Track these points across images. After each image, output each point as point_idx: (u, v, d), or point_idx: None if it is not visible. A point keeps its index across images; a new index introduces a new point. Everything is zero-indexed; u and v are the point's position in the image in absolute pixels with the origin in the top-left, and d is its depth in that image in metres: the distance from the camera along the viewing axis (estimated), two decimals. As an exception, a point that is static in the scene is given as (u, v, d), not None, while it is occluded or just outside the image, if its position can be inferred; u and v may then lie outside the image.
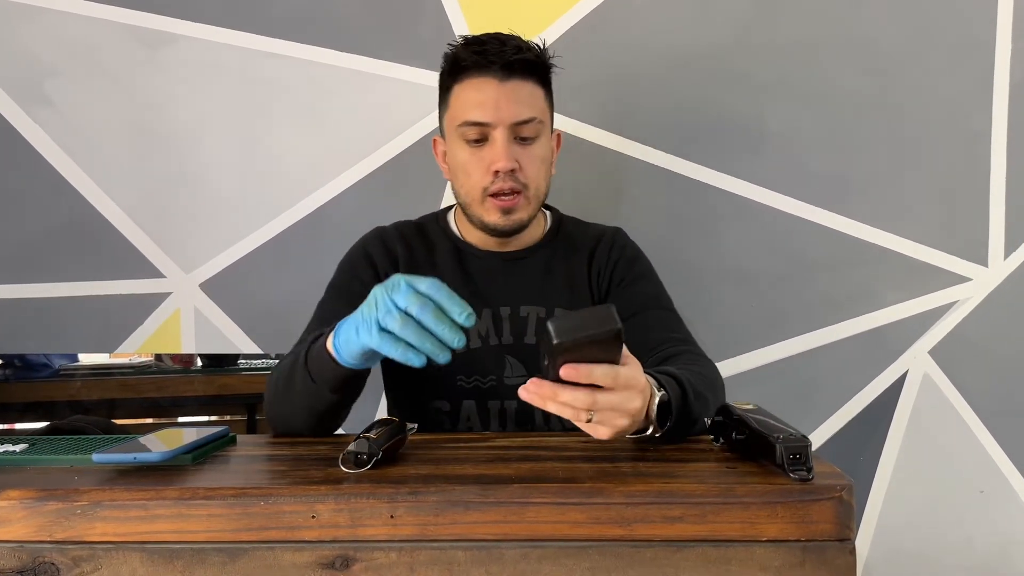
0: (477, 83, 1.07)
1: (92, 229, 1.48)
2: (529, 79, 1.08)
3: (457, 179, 1.12)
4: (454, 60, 1.09)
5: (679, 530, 0.65)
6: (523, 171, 1.08)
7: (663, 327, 1.09)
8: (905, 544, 1.51)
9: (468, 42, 1.09)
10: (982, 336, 1.50)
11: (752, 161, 1.49)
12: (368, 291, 1.12)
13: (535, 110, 1.08)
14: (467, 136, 1.08)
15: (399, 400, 1.20)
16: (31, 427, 1.48)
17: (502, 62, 1.05)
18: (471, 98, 1.07)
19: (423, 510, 0.66)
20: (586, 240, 1.19)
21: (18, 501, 0.67)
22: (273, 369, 0.99)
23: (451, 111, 1.10)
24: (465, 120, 1.07)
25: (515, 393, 0.76)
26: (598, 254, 1.18)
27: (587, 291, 1.16)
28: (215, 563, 0.66)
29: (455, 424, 1.13)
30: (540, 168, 1.10)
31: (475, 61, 1.07)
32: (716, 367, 1.03)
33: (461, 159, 1.10)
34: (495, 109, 1.06)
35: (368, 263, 1.16)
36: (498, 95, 1.06)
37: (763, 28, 1.48)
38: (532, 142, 1.09)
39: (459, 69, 1.09)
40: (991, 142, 1.48)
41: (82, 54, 1.47)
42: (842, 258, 1.49)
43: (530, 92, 1.08)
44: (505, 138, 1.06)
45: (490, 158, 1.07)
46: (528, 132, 1.08)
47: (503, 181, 1.07)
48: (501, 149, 1.06)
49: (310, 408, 0.90)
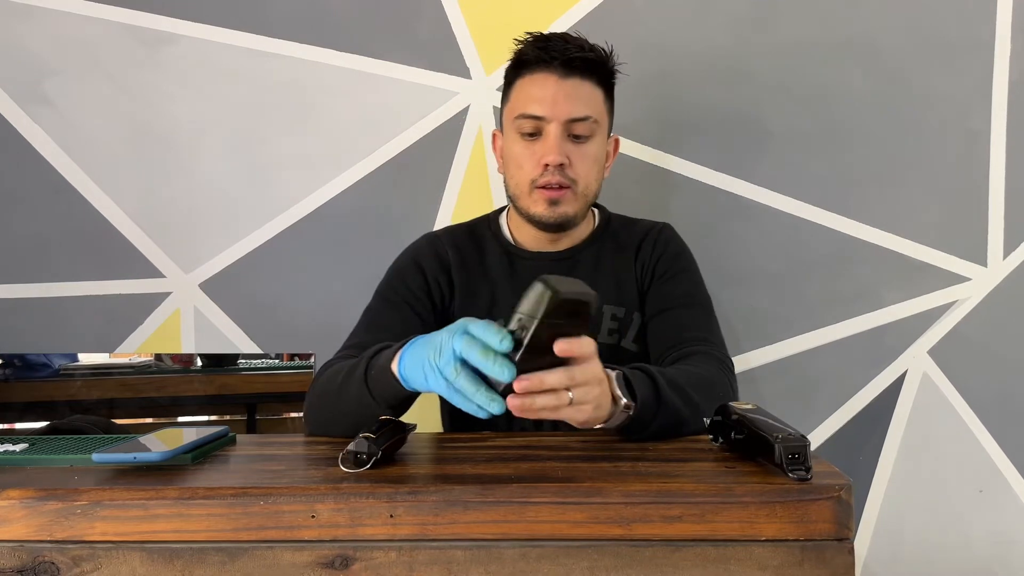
0: (537, 78, 1.09)
1: (92, 229, 1.49)
2: (589, 79, 1.10)
3: (509, 171, 1.14)
4: (518, 55, 1.12)
5: (678, 530, 0.65)
6: (573, 167, 1.09)
7: (688, 325, 1.10)
8: (904, 544, 1.51)
9: (534, 38, 1.12)
10: (981, 336, 1.50)
11: (752, 161, 1.49)
12: (416, 300, 1.14)
13: (591, 109, 1.10)
14: (522, 129, 1.10)
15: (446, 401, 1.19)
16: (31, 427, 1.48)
17: (563, 59, 1.08)
18: (530, 92, 1.10)
19: (422, 510, 0.66)
20: (633, 237, 1.20)
21: (18, 501, 0.67)
22: (320, 375, 0.99)
23: (511, 104, 1.13)
24: (522, 113, 1.09)
25: None
26: (643, 250, 1.19)
27: (634, 287, 1.17)
28: (215, 563, 0.66)
29: (510, 424, 1.11)
30: (591, 167, 1.12)
31: (537, 56, 1.09)
32: (728, 370, 1.03)
33: (515, 151, 1.12)
34: (551, 104, 1.08)
35: (417, 270, 1.17)
36: (556, 91, 1.08)
37: (763, 28, 1.48)
38: (585, 140, 1.10)
39: (522, 64, 1.11)
40: (991, 142, 1.48)
41: (82, 54, 1.47)
42: (842, 258, 1.49)
43: (588, 92, 1.10)
44: (558, 133, 1.08)
45: (541, 152, 1.09)
46: (582, 130, 1.09)
47: (552, 175, 1.09)
48: (553, 143, 1.08)
49: (361, 417, 0.88)
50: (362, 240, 1.49)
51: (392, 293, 1.15)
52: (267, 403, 1.51)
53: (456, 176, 1.50)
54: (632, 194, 1.49)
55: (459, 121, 1.49)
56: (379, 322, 1.11)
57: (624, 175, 1.49)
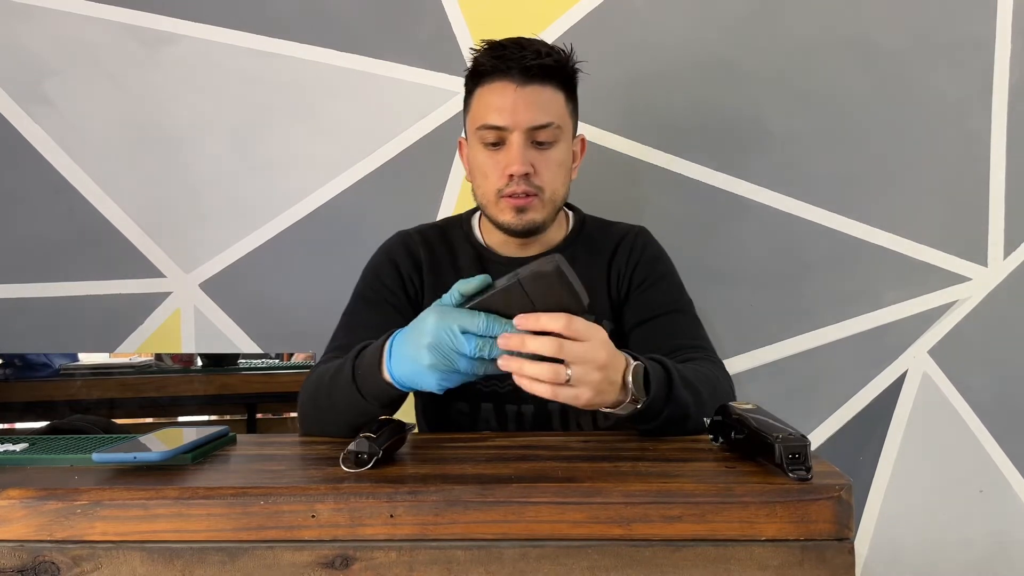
0: (496, 87, 1.08)
1: (92, 229, 1.49)
2: (548, 84, 1.09)
3: (475, 180, 1.13)
4: (475, 64, 1.11)
5: (678, 529, 0.65)
6: (538, 175, 1.08)
7: (679, 332, 1.10)
8: (904, 543, 1.51)
9: (490, 46, 1.10)
10: (981, 336, 1.50)
11: (752, 161, 1.49)
12: (395, 296, 1.13)
13: (552, 115, 1.08)
14: (485, 139, 1.09)
15: (426, 403, 1.21)
16: (31, 427, 1.48)
17: (520, 67, 1.06)
18: (490, 102, 1.08)
19: (422, 510, 0.66)
20: (607, 242, 1.19)
21: (18, 501, 0.67)
22: (307, 380, 0.99)
23: (472, 114, 1.12)
24: (483, 123, 1.08)
25: (531, 398, 0.76)
26: (618, 256, 1.17)
27: (606, 294, 1.16)
28: (215, 562, 0.66)
29: (474, 425, 1.13)
30: (556, 173, 1.10)
31: (494, 65, 1.08)
32: (726, 372, 1.03)
33: (479, 161, 1.11)
34: (512, 113, 1.06)
35: (392, 267, 1.17)
36: (515, 100, 1.07)
37: (763, 28, 1.48)
38: (549, 147, 1.09)
39: (480, 73, 1.10)
40: (991, 142, 1.48)
41: (82, 53, 1.47)
42: (842, 258, 1.49)
43: (549, 97, 1.09)
44: (521, 142, 1.07)
45: (505, 161, 1.08)
46: (545, 137, 1.08)
47: (517, 184, 1.07)
48: (516, 153, 1.07)
49: (354, 417, 0.89)
50: (362, 240, 1.48)
51: (370, 292, 1.15)
52: (267, 403, 1.51)
53: (456, 176, 1.50)
54: (632, 194, 1.49)
55: (459, 121, 1.48)
56: (359, 322, 1.10)
57: (624, 175, 1.49)
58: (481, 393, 1.12)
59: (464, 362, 0.76)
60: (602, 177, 1.49)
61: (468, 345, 0.75)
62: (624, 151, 1.49)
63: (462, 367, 0.76)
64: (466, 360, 0.76)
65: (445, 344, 0.75)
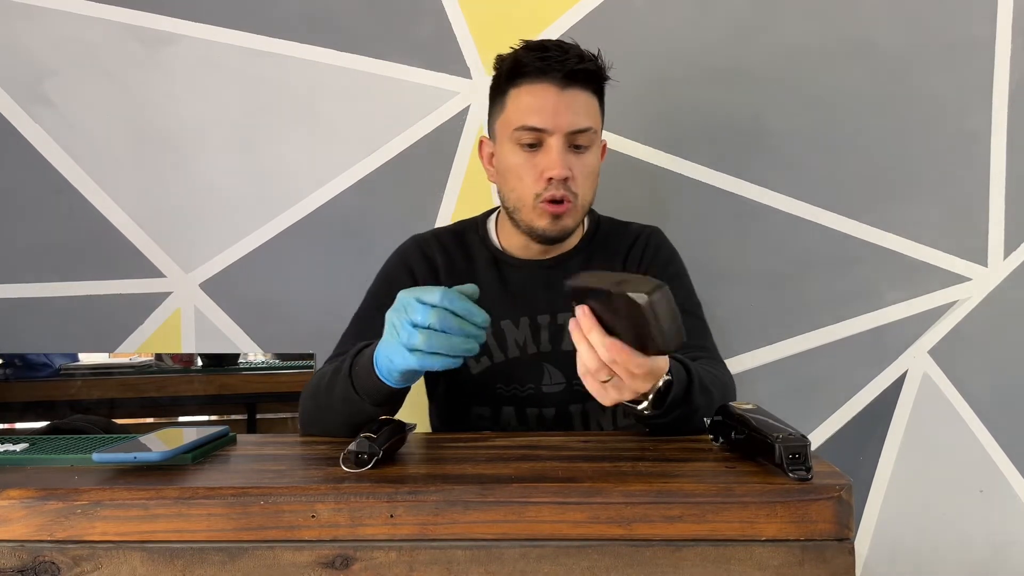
0: (537, 88, 1.06)
1: (92, 229, 1.49)
2: (587, 89, 1.08)
3: (507, 183, 1.11)
4: (514, 63, 1.08)
5: (678, 529, 0.65)
6: (575, 180, 1.08)
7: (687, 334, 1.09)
8: (904, 543, 1.51)
9: (530, 47, 1.08)
10: (982, 336, 1.50)
11: (752, 161, 1.49)
12: None
13: (591, 120, 1.08)
14: (522, 140, 1.07)
15: (441, 407, 1.20)
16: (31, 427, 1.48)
17: (564, 70, 1.05)
18: (530, 103, 1.06)
19: (423, 510, 0.66)
20: (622, 242, 1.19)
21: (18, 501, 0.67)
22: (312, 378, 0.99)
23: (506, 114, 1.09)
24: (522, 124, 1.06)
25: (553, 400, 0.76)
26: (632, 256, 1.18)
27: None
28: (215, 562, 0.66)
29: (495, 429, 1.13)
30: (589, 179, 1.10)
31: (536, 67, 1.06)
32: (731, 376, 1.03)
33: (513, 163, 1.09)
34: (553, 116, 1.05)
35: (407, 272, 1.16)
36: (557, 102, 1.05)
37: (763, 28, 1.48)
38: (585, 151, 1.09)
39: (519, 73, 1.08)
40: (991, 142, 1.48)
41: (82, 54, 1.47)
42: (842, 258, 1.50)
43: (587, 102, 1.08)
44: (561, 146, 1.06)
45: (544, 164, 1.06)
46: (583, 141, 1.08)
47: (555, 189, 1.06)
48: (556, 157, 1.05)
49: (351, 417, 0.90)
50: (362, 240, 1.49)
51: (382, 296, 1.14)
52: (267, 403, 1.51)
53: (456, 176, 1.50)
54: (633, 194, 1.49)
55: (459, 121, 1.49)
56: (369, 326, 1.10)
57: (625, 176, 1.49)
58: (502, 397, 1.12)
59: (406, 332, 0.78)
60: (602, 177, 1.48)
61: (421, 314, 0.77)
62: (626, 152, 1.49)
63: (403, 338, 0.78)
64: (410, 331, 0.78)
65: (400, 308, 0.79)
